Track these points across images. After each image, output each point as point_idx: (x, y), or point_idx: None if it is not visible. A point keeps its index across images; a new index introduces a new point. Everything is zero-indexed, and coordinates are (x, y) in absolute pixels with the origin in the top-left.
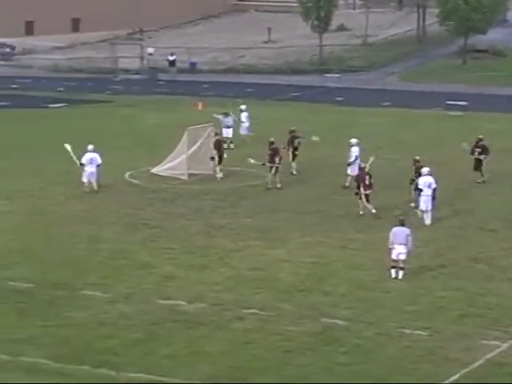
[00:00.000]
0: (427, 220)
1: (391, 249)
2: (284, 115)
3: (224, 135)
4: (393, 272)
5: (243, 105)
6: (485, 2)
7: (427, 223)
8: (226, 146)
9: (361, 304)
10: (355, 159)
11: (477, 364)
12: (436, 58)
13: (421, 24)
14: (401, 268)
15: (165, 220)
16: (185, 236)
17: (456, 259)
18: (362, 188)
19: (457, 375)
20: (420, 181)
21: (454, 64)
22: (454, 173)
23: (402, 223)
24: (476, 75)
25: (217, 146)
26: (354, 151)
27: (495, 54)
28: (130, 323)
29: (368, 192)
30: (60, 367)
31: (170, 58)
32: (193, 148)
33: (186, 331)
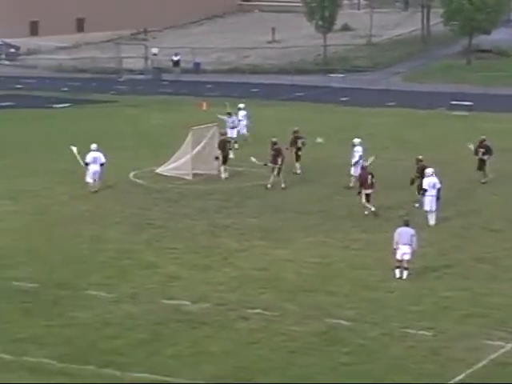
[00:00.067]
0: (431, 220)
1: (396, 249)
2: (288, 115)
3: (228, 135)
4: (397, 272)
5: (241, 104)
6: (489, 2)
7: (431, 223)
8: (231, 147)
9: (365, 304)
10: (359, 159)
11: (481, 364)
12: (440, 58)
13: (425, 24)
14: (405, 268)
15: (169, 220)
16: (189, 236)
17: (460, 259)
18: (364, 187)
19: (461, 375)
20: (424, 181)
21: (459, 64)
22: (459, 173)
23: (407, 223)
24: (480, 75)
25: (221, 146)
26: (358, 151)
27: (499, 54)
28: (135, 323)
29: (369, 191)
30: (64, 367)
31: (175, 58)
32: (197, 148)
33: (191, 331)
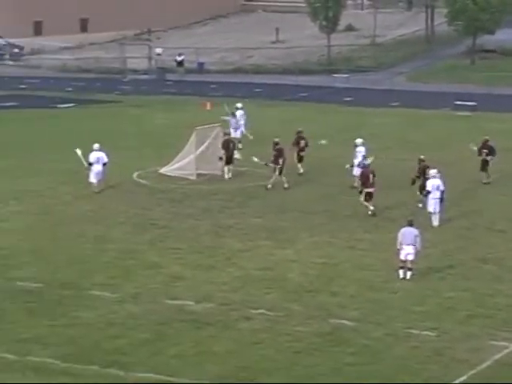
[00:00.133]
0: (435, 221)
1: (399, 249)
2: (292, 115)
3: (232, 135)
4: (401, 272)
5: (239, 103)
6: (493, 2)
7: (435, 224)
8: (235, 147)
9: (369, 305)
10: (362, 159)
11: (485, 365)
12: (444, 58)
13: (429, 24)
14: (409, 268)
15: (173, 220)
16: (193, 236)
17: (464, 260)
18: (366, 186)
19: (465, 376)
20: (428, 183)
21: (463, 64)
22: (462, 173)
23: (411, 224)
24: (484, 75)
25: (225, 146)
26: (360, 151)
27: (504, 54)
28: (138, 323)
29: (371, 190)
30: (67, 367)
31: (178, 59)
32: (201, 148)
33: (194, 331)
